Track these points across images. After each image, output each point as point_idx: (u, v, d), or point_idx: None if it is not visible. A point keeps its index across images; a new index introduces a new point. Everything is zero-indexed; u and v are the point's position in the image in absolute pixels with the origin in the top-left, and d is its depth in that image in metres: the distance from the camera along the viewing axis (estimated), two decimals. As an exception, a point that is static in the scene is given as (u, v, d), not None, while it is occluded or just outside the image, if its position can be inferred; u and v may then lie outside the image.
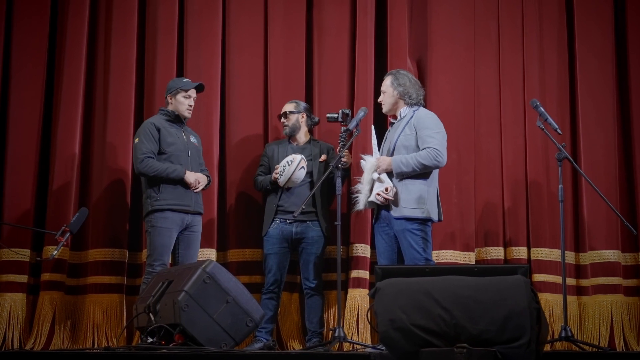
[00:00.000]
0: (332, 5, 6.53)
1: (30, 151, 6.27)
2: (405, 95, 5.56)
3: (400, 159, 5.38)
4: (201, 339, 4.58)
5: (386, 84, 5.65)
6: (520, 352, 3.79)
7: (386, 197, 5.36)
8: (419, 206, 5.35)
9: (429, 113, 5.59)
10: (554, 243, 6.26)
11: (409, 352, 3.87)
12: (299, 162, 5.75)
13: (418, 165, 5.34)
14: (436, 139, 5.42)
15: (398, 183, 5.40)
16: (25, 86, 6.33)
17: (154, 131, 5.71)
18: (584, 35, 6.53)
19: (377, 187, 5.41)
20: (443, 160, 5.41)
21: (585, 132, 6.42)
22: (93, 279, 6.12)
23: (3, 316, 5.99)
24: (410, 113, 5.55)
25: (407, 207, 5.36)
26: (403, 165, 5.36)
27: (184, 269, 4.92)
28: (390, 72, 5.77)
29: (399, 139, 5.48)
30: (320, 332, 5.90)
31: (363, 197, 5.48)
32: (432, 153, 5.36)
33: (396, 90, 5.58)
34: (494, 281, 3.98)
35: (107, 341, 5.97)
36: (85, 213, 5.52)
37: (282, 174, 5.77)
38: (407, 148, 5.44)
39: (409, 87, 5.57)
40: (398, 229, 5.38)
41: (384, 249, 5.53)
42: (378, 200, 5.39)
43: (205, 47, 6.43)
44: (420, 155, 5.36)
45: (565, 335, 5.16)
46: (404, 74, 5.66)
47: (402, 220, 5.36)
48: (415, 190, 5.38)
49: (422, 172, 5.39)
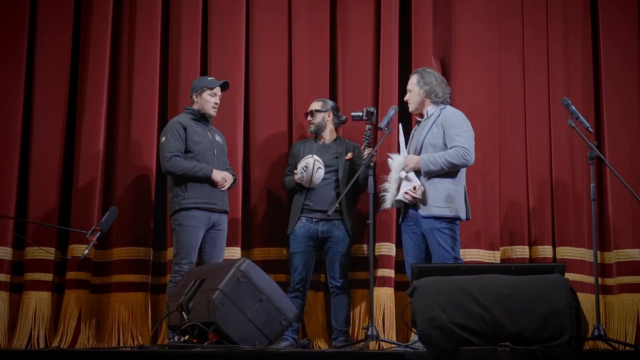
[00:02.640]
0: (356, 3, 6.53)
1: (54, 150, 6.27)
2: (431, 93, 5.55)
3: (428, 157, 5.37)
4: (235, 337, 4.57)
5: (412, 82, 5.64)
6: (561, 350, 3.80)
7: (414, 195, 5.34)
8: (448, 205, 5.34)
9: (456, 111, 5.58)
10: (579, 242, 6.27)
11: (448, 351, 3.88)
12: (313, 165, 5.76)
13: (446, 163, 5.34)
14: (464, 137, 5.41)
15: (426, 182, 5.38)
16: (50, 85, 6.33)
17: (181, 130, 5.71)
18: (608, 33, 6.53)
19: (404, 186, 5.39)
20: (471, 159, 5.40)
21: (610, 130, 6.42)
22: (118, 278, 6.12)
23: (29, 315, 5.99)
24: (437, 111, 5.54)
25: (436, 206, 5.34)
26: (431, 163, 5.35)
27: (216, 268, 4.91)
28: (416, 70, 5.75)
29: (427, 138, 5.47)
30: (346, 331, 5.90)
31: (390, 196, 5.46)
32: (461, 152, 5.35)
33: (422, 88, 5.57)
34: (533, 280, 3.99)
35: (133, 340, 5.97)
36: (115, 212, 5.51)
37: (303, 179, 5.79)
38: (434, 147, 5.43)
39: (435, 85, 5.56)
40: (426, 227, 5.37)
41: (411, 247, 5.52)
42: (406, 198, 5.38)
43: (229, 45, 6.43)
44: (449, 154, 5.35)
45: (598, 334, 5.15)
46: (429, 72, 5.65)
47: (431, 219, 5.35)
48: (444, 189, 5.37)
49: (450, 171, 5.38)
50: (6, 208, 6.12)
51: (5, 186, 6.18)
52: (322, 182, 5.85)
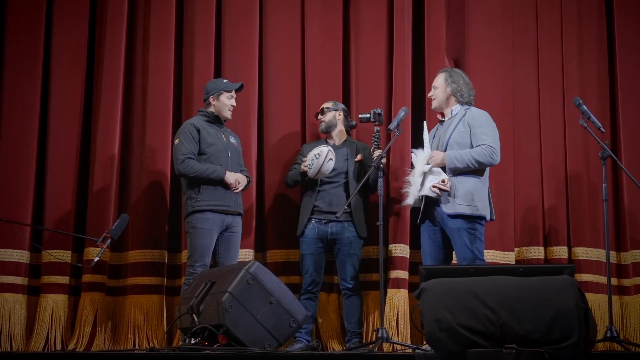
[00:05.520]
0: (369, 4, 6.52)
1: (70, 154, 6.33)
2: (457, 92, 5.52)
3: (454, 154, 5.32)
4: (245, 339, 4.59)
5: (439, 80, 5.59)
6: (569, 352, 3.77)
7: (443, 188, 5.27)
8: (473, 204, 5.28)
9: (482, 111, 5.53)
10: (594, 242, 6.21)
11: (455, 353, 3.86)
12: (326, 154, 5.74)
13: (472, 161, 5.29)
14: (491, 136, 5.37)
15: (452, 179, 5.31)
16: (65, 90, 6.39)
17: (194, 132, 5.73)
18: (623, 32, 6.47)
19: (431, 180, 5.31)
20: (497, 158, 5.36)
21: (625, 129, 6.36)
22: (133, 280, 6.16)
23: (45, 317, 6.05)
24: (462, 111, 5.50)
25: (462, 204, 5.28)
26: (457, 160, 5.30)
27: (226, 270, 4.93)
28: (444, 69, 5.74)
29: (452, 136, 5.41)
30: (359, 333, 5.89)
31: (414, 190, 5.40)
32: (487, 150, 5.31)
33: (449, 87, 5.53)
34: (541, 281, 3.95)
35: (148, 342, 6.00)
36: (126, 219, 5.55)
37: (311, 166, 5.76)
38: (460, 145, 5.37)
39: (462, 85, 5.53)
40: (452, 227, 5.31)
41: (429, 249, 5.46)
42: (434, 192, 5.30)
43: (242, 48, 6.45)
44: (475, 152, 5.31)
45: (610, 336, 5.11)
46: (458, 72, 5.63)
47: (457, 218, 5.29)
48: (470, 187, 5.31)
49: (476, 169, 5.33)
50: (23, 211, 6.21)
51: (23, 190, 6.25)
52: (332, 184, 5.85)
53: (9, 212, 6.07)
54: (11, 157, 6.28)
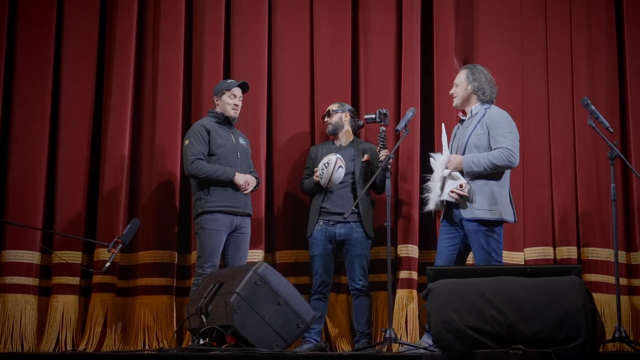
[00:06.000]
0: (377, 6, 6.53)
1: (81, 155, 6.37)
2: (479, 90, 5.42)
3: (471, 158, 5.26)
4: (253, 340, 4.59)
5: (461, 77, 5.50)
6: (576, 353, 3.76)
7: (461, 193, 5.23)
8: (492, 208, 5.22)
9: (501, 112, 5.43)
10: (604, 242, 6.19)
11: (463, 354, 3.86)
12: (335, 162, 5.76)
13: (490, 165, 5.22)
14: (509, 139, 5.28)
15: (470, 183, 5.26)
16: (75, 91, 6.43)
17: (204, 133, 5.75)
18: (633, 32, 6.44)
19: (449, 185, 5.27)
20: (516, 161, 5.27)
21: (635, 129, 6.34)
22: (143, 281, 6.20)
23: (56, 318, 6.09)
24: (482, 111, 5.41)
25: (480, 209, 5.23)
26: (474, 164, 5.24)
27: (235, 271, 4.94)
28: (466, 65, 5.66)
29: (471, 138, 5.34)
30: (368, 333, 5.90)
31: (434, 195, 5.35)
32: (505, 153, 5.23)
33: (471, 84, 5.44)
34: (548, 282, 3.94)
35: (158, 343, 6.03)
36: (137, 224, 5.58)
37: (322, 176, 5.79)
38: (478, 147, 5.31)
39: (484, 82, 5.44)
40: (470, 229, 5.27)
41: (443, 249, 5.42)
42: (452, 197, 5.27)
43: (251, 49, 6.48)
44: (493, 155, 5.24)
45: (619, 336, 5.09)
46: (480, 69, 5.52)
47: (475, 222, 5.25)
48: (488, 191, 5.25)
49: (494, 173, 5.27)
50: (34, 213, 6.25)
51: (34, 191, 6.29)
52: (340, 184, 5.86)
53: (20, 213, 6.15)
54: (22, 159, 6.32)
